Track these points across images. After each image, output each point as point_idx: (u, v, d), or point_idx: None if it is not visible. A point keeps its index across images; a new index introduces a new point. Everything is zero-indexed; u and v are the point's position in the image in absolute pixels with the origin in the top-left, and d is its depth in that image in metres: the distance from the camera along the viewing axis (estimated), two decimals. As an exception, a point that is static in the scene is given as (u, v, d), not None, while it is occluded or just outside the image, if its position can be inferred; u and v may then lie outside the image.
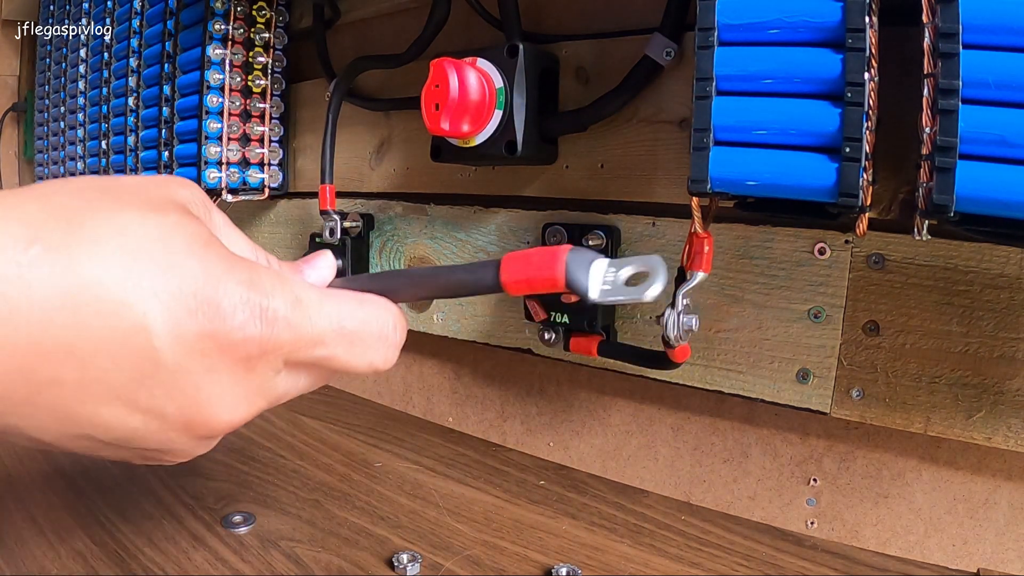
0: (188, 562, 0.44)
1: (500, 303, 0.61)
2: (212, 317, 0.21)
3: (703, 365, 0.50)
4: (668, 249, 0.51)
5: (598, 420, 0.59)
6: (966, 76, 0.29)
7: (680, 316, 0.41)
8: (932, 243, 0.41)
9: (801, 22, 0.33)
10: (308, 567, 0.44)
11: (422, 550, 0.46)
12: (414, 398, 0.74)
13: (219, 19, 0.72)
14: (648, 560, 0.46)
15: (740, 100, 0.36)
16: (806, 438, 0.49)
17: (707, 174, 0.37)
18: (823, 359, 0.45)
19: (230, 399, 0.23)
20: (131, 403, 0.22)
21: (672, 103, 0.49)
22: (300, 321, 0.23)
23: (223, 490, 0.54)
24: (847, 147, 0.33)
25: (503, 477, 0.58)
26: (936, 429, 0.42)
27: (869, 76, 0.32)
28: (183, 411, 0.22)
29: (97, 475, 0.55)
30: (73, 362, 0.20)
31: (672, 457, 0.55)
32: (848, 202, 0.33)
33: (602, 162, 0.54)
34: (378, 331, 0.26)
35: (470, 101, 0.49)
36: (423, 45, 0.59)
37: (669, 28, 0.47)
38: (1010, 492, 0.42)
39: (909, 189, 0.41)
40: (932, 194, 0.30)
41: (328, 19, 0.74)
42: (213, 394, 0.22)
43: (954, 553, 0.44)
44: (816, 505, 0.49)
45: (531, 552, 0.46)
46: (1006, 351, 0.40)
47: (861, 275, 0.44)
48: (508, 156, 0.50)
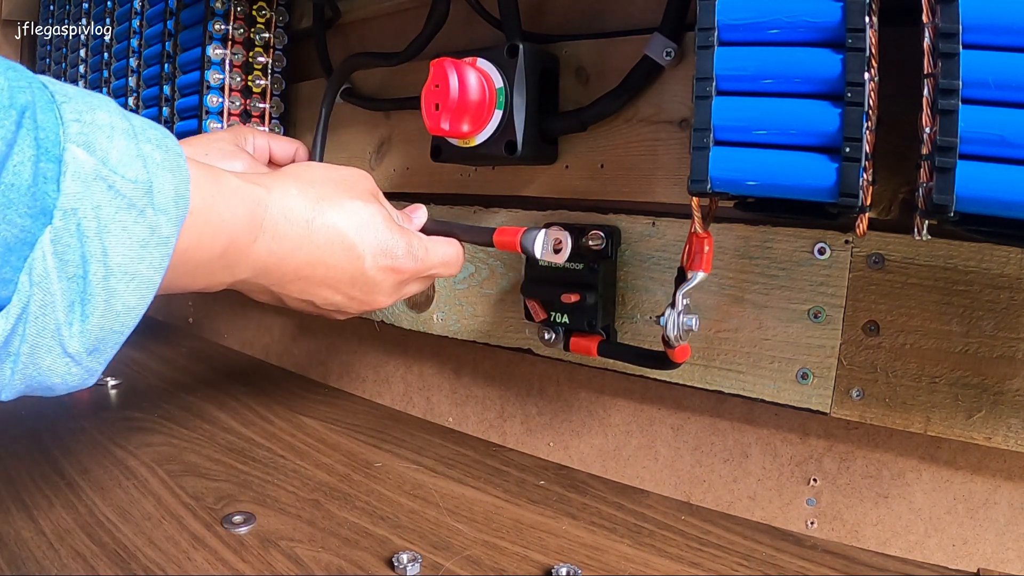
0: (188, 562, 0.44)
1: (500, 303, 0.61)
2: (391, 258, 0.42)
3: (703, 365, 0.50)
4: (668, 249, 0.51)
5: (598, 420, 0.59)
6: (966, 76, 0.29)
7: (680, 316, 0.41)
8: (932, 243, 0.41)
9: (801, 22, 0.33)
10: (308, 567, 0.44)
11: (422, 550, 0.46)
12: (414, 398, 0.74)
13: (219, 19, 0.72)
14: (648, 560, 0.46)
15: (740, 100, 0.36)
16: (806, 438, 0.49)
17: (707, 174, 0.37)
18: (823, 359, 0.45)
19: (387, 294, 0.44)
20: (343, 291, 0.42)
21: (672, 103, 0.49)
22: (425, 259, 0.44)
23: (223, 490, 0.54)
24: (847, 147, 0.33)
25: (503, 477, 0.58)
26: (936, 429, 0.42)
27: (869, 76, 0.32)
28: (366, 296, 0.43)
29: (97, 475, 0.55)
30: (323, 268, 0.40)
31: (672, 457, 0.55)
32: (848, 202, 0.33)
33: (602, 162, 0.54)
34: (456, 258, 0.47)
35: (470, 101, 0.49)
36: (422, 44, 0.59)
37: (669, 28, 0.47)
38: (1010, 492, 0.42)
39: (909, 189, 0.41)
40: (932, 194, 0.30)
41: (328, 19, 0.74)
42: (382, 291, 0.43)
43: (954, 553, 0.44)
44: (816, 505, 0.49)
45: (531, 552, 0.46)
46: (1006, 351, 0.40)
47: (861, 275, 0.44)
48: (508, 156, 0.50)
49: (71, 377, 0.28)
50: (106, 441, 0.62)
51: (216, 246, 0.34)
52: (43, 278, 0.26)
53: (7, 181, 0.24)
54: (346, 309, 0.44)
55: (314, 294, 0.41)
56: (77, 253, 0.26)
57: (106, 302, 0.27)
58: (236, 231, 0.35)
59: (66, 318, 0.27)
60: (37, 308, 0.26)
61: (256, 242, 0.36)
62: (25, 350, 0.26)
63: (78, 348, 0.27)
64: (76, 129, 0.26)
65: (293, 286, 0.40)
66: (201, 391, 0.78)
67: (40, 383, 0.28)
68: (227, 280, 0.37)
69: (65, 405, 0.73)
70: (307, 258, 0.39)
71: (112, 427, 0.66)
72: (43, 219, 0.25)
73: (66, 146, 0.26)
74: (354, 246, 0.41)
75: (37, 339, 0.26)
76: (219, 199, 0.33)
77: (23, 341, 0.26)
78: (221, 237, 0.34)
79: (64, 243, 0.26)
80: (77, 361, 0.28)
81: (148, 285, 0.29)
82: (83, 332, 0.27)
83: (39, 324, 0.26)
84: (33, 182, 0.25)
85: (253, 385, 0.81)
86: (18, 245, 0.25)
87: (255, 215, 0.36)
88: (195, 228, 0.32)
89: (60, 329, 0.27)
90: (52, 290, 0.26)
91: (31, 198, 0.25)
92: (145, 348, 0.95)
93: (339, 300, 0.42)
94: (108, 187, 0.27)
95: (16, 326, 0.26)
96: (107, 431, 0.65)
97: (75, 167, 0.26)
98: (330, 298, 0.42)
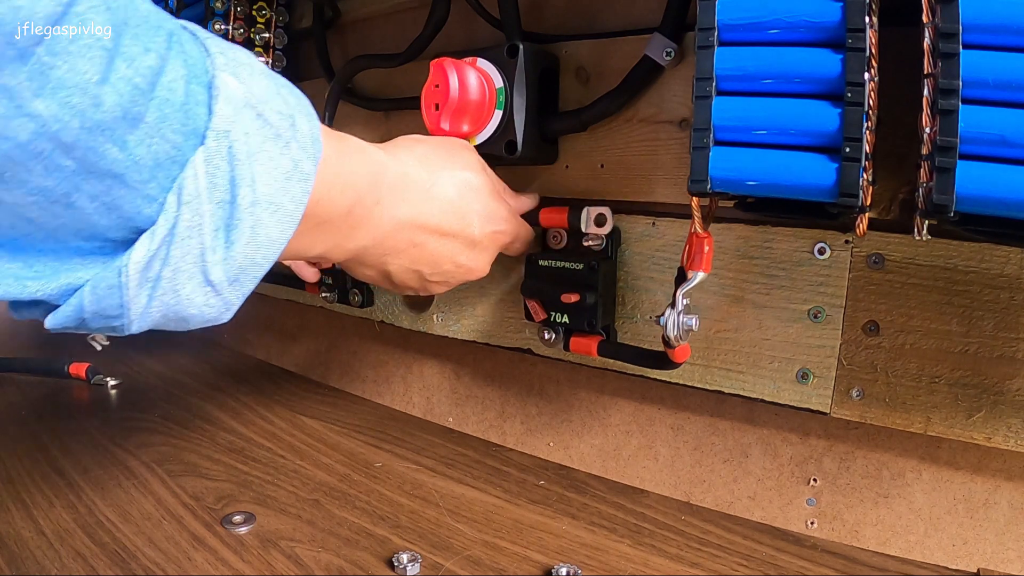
0: (188, 562, 0.44)
1: (500, 303, 0.61)
2: (495, 225, 0.46)
3: (703, 365, 0.50)
4: (668, 249, 0.51)
5: (598, 420, 0.59)
6: (966, 76, 0.29)
7: (680, 316, 0.41)
8: (932, 243, 0.41)
9: (801, 22, 0.33)
10: (308, 567, 0.44)
11: (422, 550, 0.46)
12: (414, 398, 0.74)
13: (219, 19, 0.72)
14: (648, 560, 0.46)
15: (740, 100, 0.36)
16: (806, 438, 0.49)
17: (707, 174, 0.37)
18: (823, 359, 0.45)
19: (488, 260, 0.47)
20: (454, 258, 0.44)
21: (672, 103, 0.49)
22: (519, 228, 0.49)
23: (223, 490, 0.54)
24: (847, 147, 0.33)
25: (503, 477, 0.58)
26: (936, 429, 0.42)
27: (869, 76, 0.32)
28: (473, 263, 0.45)
29: (97, 475, 0.55)
30: (438, 234, 0.42)
31: (672, 457, 0.55)
32: (848, 202, 0.33)
33: (602, 162, 0.54)
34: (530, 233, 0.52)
35: (470, 101, 0.49)
36: (423, 44, 0.59)
37: (669, 28, 0.47)
38: (1010, 492, 0.42)
39: (909, 189, 0.41)
40: (932, 194, 0.30)
41: (328, 19, 0.74)
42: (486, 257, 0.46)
43: (954, 553, 0.44)
44: (816, 505, 0.49)
45: (531, 552, 0.46)
46: (1006, 351, 0.40)
47: (861, 275, 0.44)
48: (508, 156, 0.50)
49: (209, 308, 0.28)
50: (106, 441, 0.62)
51: (344, 201, 0.34)
52: (193, 198, 0.26)
53: (162, 95, 0.24)
54: (451, 278, 0.45)
55: (426, 262, 0.43)
56: (227, 177, 0.26)
57: (252, 229, 0.27)
58: (361, 189, 0.36)
59: (212, 243, 0.26)
60: (184, 229, 0.26)
61: (379, 204, 0.37)
62: (167, 274, 0.26)
63: (220, 276, 0.27)
64: (223, 60, 0.27)
65: (407, 255, 0.41)
66: (201, 391, 0.78)
67: (177, 313, 0.28)
68: (348, 246, 0.38)
69: (65, 405, 0.73)
70: (424, 223, 0.41)
71: (112, 427, 0.66)
72: (195, 139, 0.26)
73: (215, 73, 0.26)
74: (466, 213, 0.43)
75: (181, 263, 0.26)
76: (345, 156, 0.35)
77: (165, 264, 0.26)
78: (349, 193, 0.35)
79: (215, 164, 0.26)
80: (217, 291, 0.28)
81: (290, 219, 0.29)
82: (227, 259, 0.27)
83: (185, 247, 0.26)
84: (186, 101, 0.25)
85: (253, 385, 0.81)
86: (168, 163, 0.25)
87: (377, 176, 0.37)
88: (325, 181, 0.32)
89: (205, 254, 0.26)
90: (201, 211, 0.26)
91: (184, 116, 0.25)
92: (145, 348, 0.95)
93: (448, 268, 0.44)
94: (257, 115, 0.27)
95: (160, 248, 0.26)
96: (107, 431, 0.65)
97: (227, 92, 0.26)
98: (440, 266, 0.43)
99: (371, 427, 0.69)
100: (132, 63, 0.23)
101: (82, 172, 0.23)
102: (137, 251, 0.25)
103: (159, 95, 0.24)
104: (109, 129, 0.23)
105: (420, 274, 0.44)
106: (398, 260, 0.42)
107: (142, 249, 0.25)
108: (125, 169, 0.24)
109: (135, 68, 0.23)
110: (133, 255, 0.25)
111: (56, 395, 0.76)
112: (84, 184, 0.24)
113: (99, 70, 0.22)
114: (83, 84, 0.22)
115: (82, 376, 0.80)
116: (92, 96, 0.22)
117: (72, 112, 0.22)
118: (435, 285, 0.46)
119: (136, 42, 0.23)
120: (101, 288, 0.26)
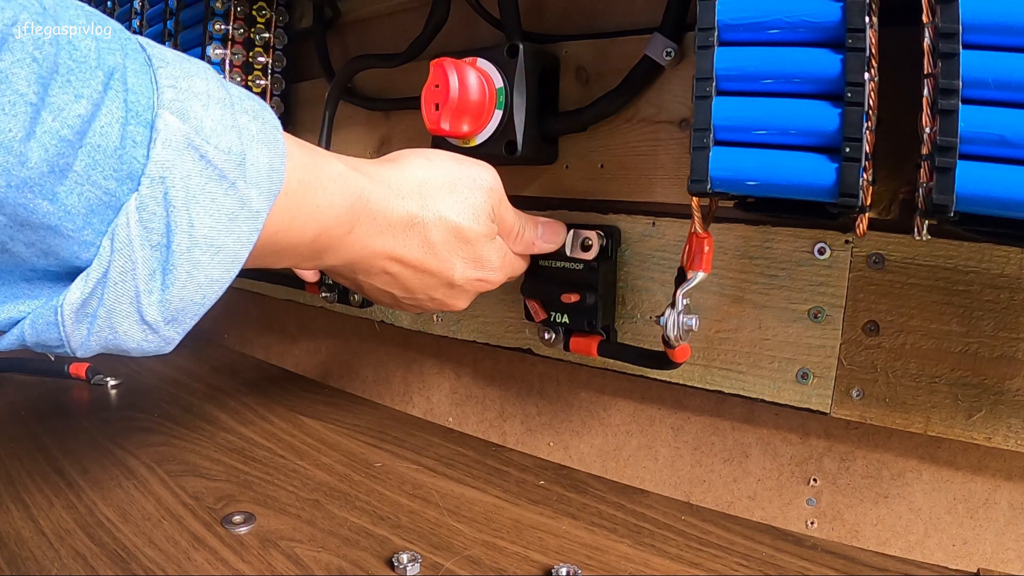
0: (188, 562, 0.44)
1: (500, 303, 0.61)
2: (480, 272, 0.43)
3: (703, 365, 0.50)
4: (668, 249, 0.51)
5: (598, 420, 0.59)
6: (966, 76, 0.29)
7: (680, 316, 0.41)
8: (932, 243, 0.41)
9: (801, 22, 0.33)
10: (308, 567, 0.44)
11: (422, 550, 0.46)
12: (414, 398, 0.74)
13: (219, 19, 0.72)
14: (648, 560, 0.46)
15: (740, 100, 0.36)
16: (806, 438, 0.49)
17: (707, 174, 0.37)
18: (823, 359, 0.45)
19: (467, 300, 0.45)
20: (428, 293, 0.42)
21: (672, 103, 0.49)
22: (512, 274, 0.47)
23: (223, 490, 0.54)
24: (847, 147, 0.33)
25: (503, 477, 0.58)
26: (936, 429, 0.42)
27: (869, 76, 0.32)
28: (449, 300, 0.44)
29: (97, 475, 0.55)
30: (413, 270, 0.40)
31: (672, 457, 0.55)
32: (848, 202, 0.33)
33: (602, 162, 0.54)
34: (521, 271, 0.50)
35: (470, 101, 0.49)
36: (423, 44, 0.59)
37: (669, 28, 0.47)
38: (1010, 492, 0.42)
39: (909, 189, 0.41)
40: (932, 194, 0.30)
41: (328, 19, 0.74)
42: (464, 298, 0.44)
43: (954, 553, 0.44)
44: (816, 505, 0.49)
45: (531, 552, 0.46)
46: (1006, 351, 0.40)
47: (861, 275, 0.44)
48: (508, 156, 0.50)
49: (147, 344, 0.28)
50: (106, 441, 0.62)
51: (308, 232, 0.33)
52: (125, 245, 0.25)
53: (93, 142, 0.24)
54: (425, 307, 0.44)
55: (400, 288, 0.41)
56: (162, 222, 0.26)
57: (188, 273, 0.27)
58: (331, 220, 0.34)
59: (146, 286, 0.26)
60: (117, 274, 0.26)
61: (351, 234, 0.36)
62: (102, 313, 0.26)
63: (156, 317, 0.27)
64: (171, 95, 0.26)
65: (379, 279, 0.40)
66: (201, 391, 0.78)
67: (116, 346, 0.28)
68: (314, 265, 0.37)
69: (65, 405, 0.73)
70: (399, 257, 0.39)
71: (112, 427, 0.66)
72: (129, 184, 0.25)
73: (159, 112, 0.25)
74: (448, 258, 0.40)
75: (115, 304, 0.26)
76: (317, 185, 0.33)
77: (101, 304, 0.26)
78: (314, 224, 0.33)
79: (150, 211, 0.25)
80: (154, 329, 0.28)
81: (234, 259, 0.28)
82: (162, 302, 0.27)
83: (118, 290, 0.26)
84: (120, 145, 0.24)
85: (253, 385, 0.81)
86: (101, 208, 0.25)
87: (354, 207, 0.35)
88: (287, 211, 0.31)
89: (139, 296, 0.26)
90: (134, 257, 0.26)
91: (118, 161, 0.25)
92: (145, 348, 0.95)
93: (422, 298, 0.42)
94: (200, 157, 0.26)
95: (95, 290, 0.26)
96: (107, 431, 0.65)
97: (166, 134, 0.25)
98: (415, 295, 0.42)
99: (371, 427, 0.69)
100: (59, 114, 0.23)
101: (15, 225, 0.23)
102: (72, 293, 0.26)
103: (90, 141, 0.24)
104: (37, 185, 0.23)
105: (393, 296, 0.42)
106: (370, 281, 0.41)
107: (76, 291, 0.26)
108: (58, 220, 0.24)
109: (62, 119, 0.23)
110: (68, 296, 0.26)
111: (56, 395, 0.76)
112: (18, 235, 0.24)
113: (23, 126, 0.22)
114: (7, 143, 0.22)
115: (82, 376, 0.80)
116: (17, 154, 0.22)
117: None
118: (409, 307, 0.44)
119: (65, 90, 0.23)
120: (40, 324, 0.26)
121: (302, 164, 0.32)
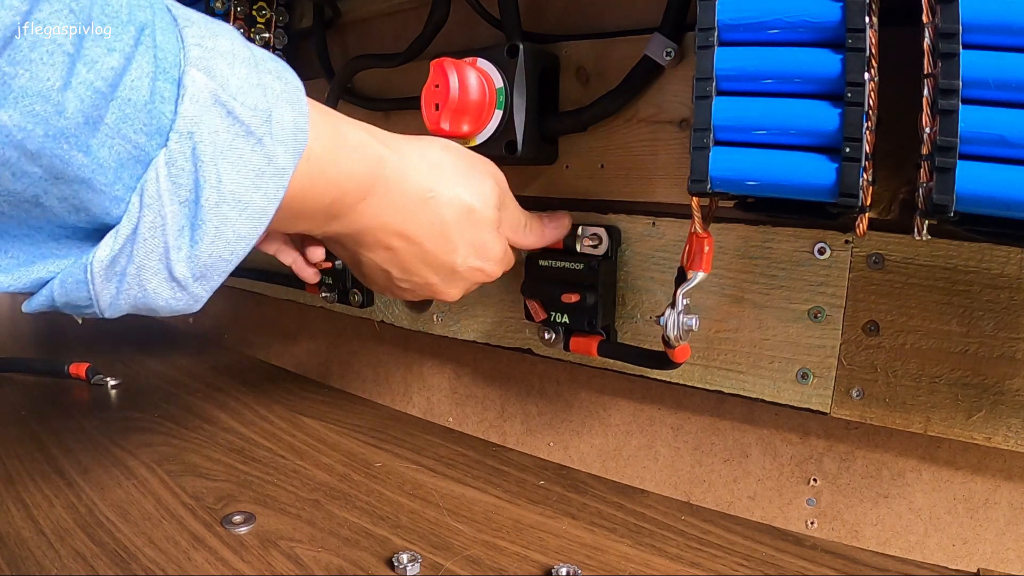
0: (188, 562, 0.44)
1: (500, 303, 0.61)
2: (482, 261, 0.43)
3: (703, 365, 0.50)
4: (668, 249, 0.51)
5: (598, 420, 0.59)
6: (966, 76, 0.29)
7: (680, 316, 0.41)
8: (932, 243, 0.41)
9: (801, 22, 0.33)
10: (308, 567, 0.44)
11: (422, 550, 0.46)
12: (414, 398, 0.74)
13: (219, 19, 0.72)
14: (648, 560, 0.46)
15: (740, 100, 0.36)
16: (806, 438, 0.49)
17: (707, 174, 0.37)
18: (823, 359, 0.45)
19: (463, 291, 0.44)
20: (426, 277, 0.42)
21: (672, 103, 0.49)
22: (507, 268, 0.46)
23: (223, 490, 0.54)
24: (847, 147, 0.33)
25: (503, 477, 0.58)
26: (936, 429, 0.42)
27: (869, 76, 0.32)
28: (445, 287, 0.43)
29: (97, 475, 0.55)
30: (418, 248, 0.40)
31: (672, 457, 0.55)
32: (848, 202, 0.33)
33: (602, 162, 0.54)
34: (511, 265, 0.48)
35: (470, 101, 0.49)
36: (423, 44, 0.59)
37: (669, 28, 0.47)
38: (1010, 492, 0.42)
39: (909, 189, 0.41)
40: (932, 194, 0.30)
41: (328, 19, 0.74)
42: (461, 287, 0.44)
43: (954, 553, 0.44)
44: (816, 505, 0.49)
45: (531, 552, 0.46)
46: (1006, 351, 0.40)
47: (861, 275, 0.44)
48: (508, 156, 0.50)
49: (175, 301, 0.28)
50: (106, 441, 0.62)
51: (326, 198, 0.33)
52: (155, 200, 0.26)
53: (124, 95, 0.24)
54: (419, 292, 0.43)
55: (399, 267, 0.40)
56: (190, 178, 0.26)
57: (216, 229, 0.27)
58: (350, 186, 0.34)
59: (175, 242, 0.27)
60: (146, 230, 0.26)
61: (364, 201, 0.36)
62: (132, 271, 0.26)
63: (185, 273, 0.27)
64: (197, 53, 0.26)
65: (380, 254, 0.40)
66: (201, 391, 0.78)
67: (145, 304, 0.28)
68: (323, 231, 0.37)
69: (65, 405, 0.73)
70: (405, 232, 0.39)
71: (112, 427, 0.66)
72: (158, 139, 0.25)
73: (186, 68, 0.26)
74: (454, 240, 0.40)
75: (144, 261, 0.26)
76: (338, 152, 0.33)
77: (130, 262, 0.26)
78: (333, 189, 0.33)
79: (178, 166, 0.26)
80: (183, 286, 0.28)
81: (261, 215, 0.28)
82: (191, 258, 0.27)
83: (148, 247, 0.26)
84: (150, 99, 0.25)
85: (253, 385, 0.81)
86: (131, 163, 0.25)
87: (372, 174, 0.35)
88: (308, 177, 0.31)
89: (168, 253, 0.27)
90: (163, 212, 0.26)
91: (147, 115, 0.25)
92: (145, 348, 0.95)
93: (418, 281, 0.42)
94: (227, 113, 0.26)
95: (124, 246, 0.26)
96: (107, 431, 0.65)
97: (194, 90, 0.26)
98: (411, 277, 0.41)
99: (371, 427, 0.69)
100: (93, 66, 0.23)
101: (49, 178, 0.24)
102: (102, 250, 0.26)
103: (121, 95, 0.24)
104: (73, 136, 0.23)
105: (389, 275, 0.42)
106: (370, 254, 0.40)
107: (106, 248, 0.26)
108: (91, 173, 0.24)
109: (96, 71, 0.23)
110: (98, 253, 0.26)
111: (56, 395, 0.76)
112: (52, 188, 0.24)
113: (61, 76, 0.22)
114: (45, 92, 0.22)
115: (82, 376, 0.80)
116: (55, 103, 0.22)
117: (36, 121, 0.22)
118: (401, 291, 0.44)
119: (99, 43, 0.23)
120: (69, 283, 0.26)
121: (324, 130, 0.32)
